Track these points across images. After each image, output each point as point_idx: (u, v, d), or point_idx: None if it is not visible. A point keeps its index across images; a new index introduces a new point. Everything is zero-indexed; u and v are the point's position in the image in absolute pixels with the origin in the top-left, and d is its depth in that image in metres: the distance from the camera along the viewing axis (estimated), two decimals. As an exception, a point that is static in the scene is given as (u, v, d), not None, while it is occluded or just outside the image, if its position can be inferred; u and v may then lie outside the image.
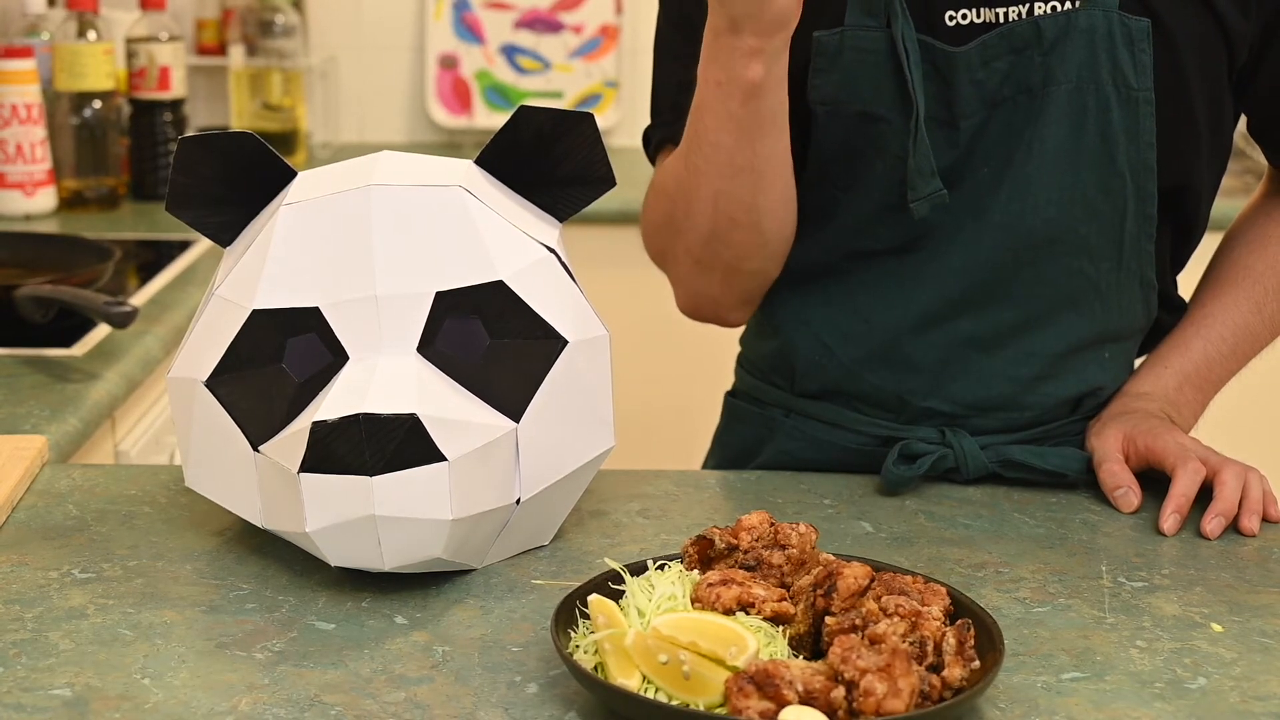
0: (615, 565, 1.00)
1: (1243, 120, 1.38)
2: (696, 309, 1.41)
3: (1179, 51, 1.26)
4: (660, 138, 1.40)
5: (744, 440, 1.46)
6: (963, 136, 1.27)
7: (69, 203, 2.59)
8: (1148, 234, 1.31)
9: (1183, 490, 1.22)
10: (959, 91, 1.26)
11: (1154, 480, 1.26)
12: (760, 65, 1.19)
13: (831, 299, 1.35)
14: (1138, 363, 1.41)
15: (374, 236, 1.08)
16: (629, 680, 0.89)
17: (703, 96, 1.24)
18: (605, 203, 1.27)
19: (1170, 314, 1.40)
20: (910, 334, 1.33)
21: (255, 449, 1.08)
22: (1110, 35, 1.24)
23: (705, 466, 1.53)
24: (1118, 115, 1.25)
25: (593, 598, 0.95)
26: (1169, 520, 1.21)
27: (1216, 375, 1.38)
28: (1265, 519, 1.22)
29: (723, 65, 1.21)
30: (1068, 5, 1.24)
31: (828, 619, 0.93)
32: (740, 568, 0.99)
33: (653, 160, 1.43)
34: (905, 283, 1.32)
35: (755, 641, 0.90)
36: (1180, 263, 1.41)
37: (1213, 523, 1.20)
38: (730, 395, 1.51)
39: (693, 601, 0.96)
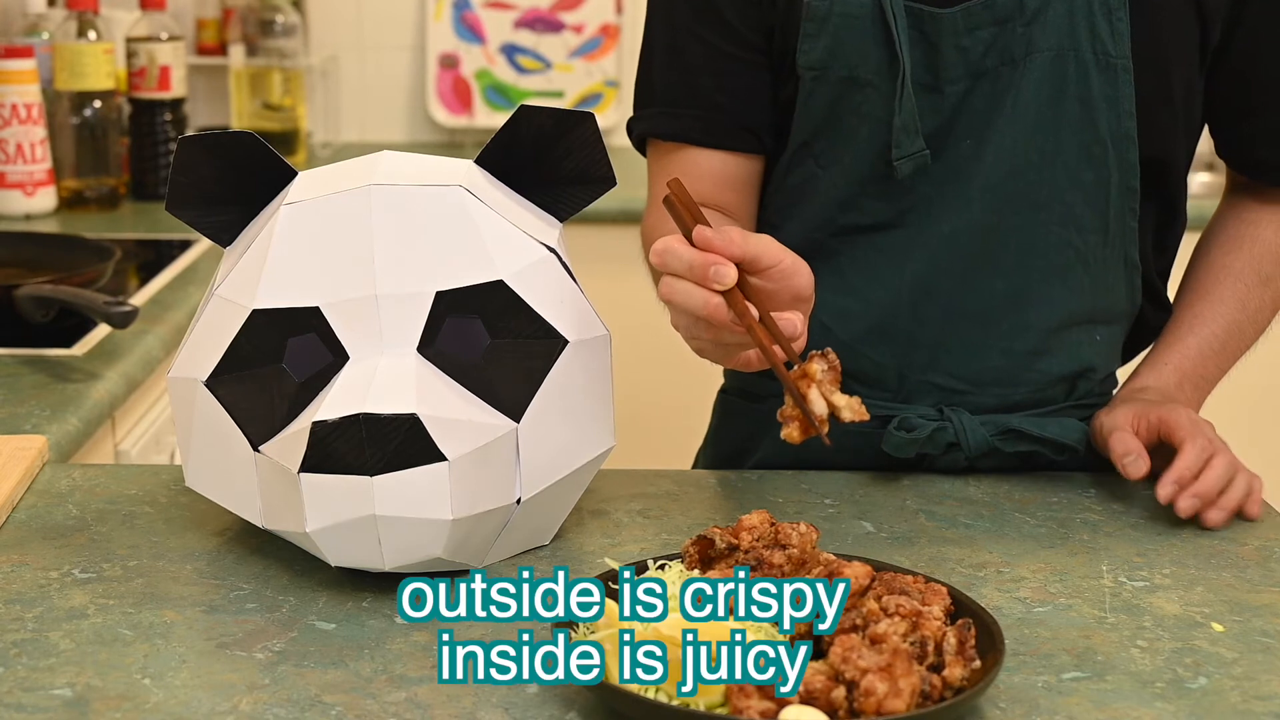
0: (615, 565, 1.00)
1: None
2: None
3: (1156, 23, 1.28)
4: (646, 129, 1.38)
5: (738, 436, 1.47)
6: (947, 103, 1.29)
7: (69, 202, 2.59)
8: (1131, 209, 1.32)
9: (1187, 464, 1.22)
10: (944, 56, 1.27)
11: (1155, 477, 1.26)
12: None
13: (825, 280, 1.35)
14: (1135, 363, 1.42)
15: (374, 236, 1.08)
16: (629, 680, 0.89)
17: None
18: (605, 202, 1.27)
19: (1158, 311, 1.41)
20: (906, 308, 1.34)
21: (255, 449, 1.08)
22: (1088, 4, 1.26)
23: (697, 464, 1.54)
24: (1097, 82, 1.27)
25: (593, 597, 0.95)
26: (1167, 488, 1.21)
27: (1211, 373, 1.39)
28: (1242, 516, 1.23)
29: None
30: None
31: (828, 619, 0.93)
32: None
33: (640, 150, 1.41)
34: (896, 257, 1.33)
35: (756, 641, 0.90)
36: (1164, 249, 1.42)
37: (1186, 502, 1.20)
38: (723, 392, 1.52)
39: (693, 601, 0.96)
